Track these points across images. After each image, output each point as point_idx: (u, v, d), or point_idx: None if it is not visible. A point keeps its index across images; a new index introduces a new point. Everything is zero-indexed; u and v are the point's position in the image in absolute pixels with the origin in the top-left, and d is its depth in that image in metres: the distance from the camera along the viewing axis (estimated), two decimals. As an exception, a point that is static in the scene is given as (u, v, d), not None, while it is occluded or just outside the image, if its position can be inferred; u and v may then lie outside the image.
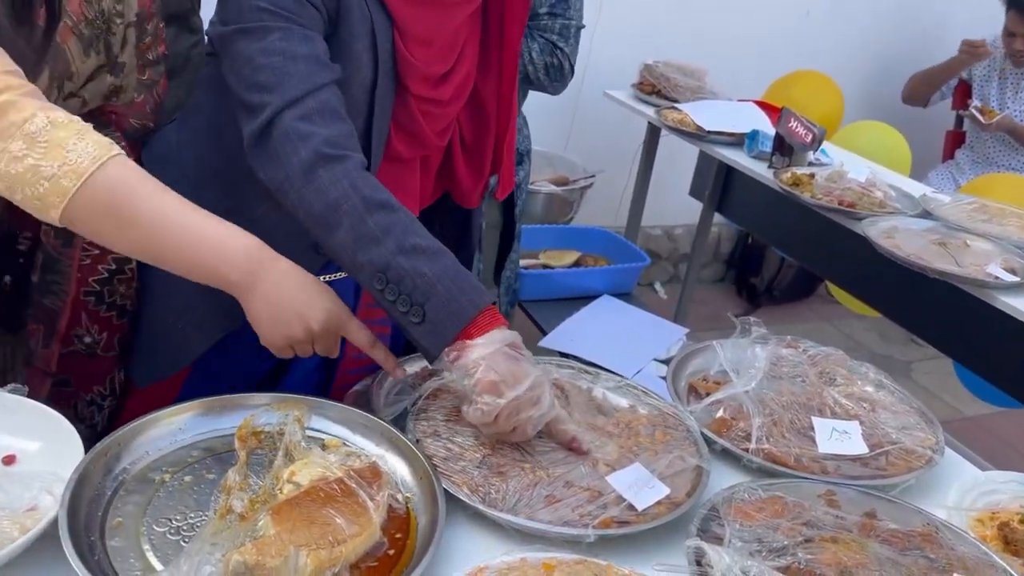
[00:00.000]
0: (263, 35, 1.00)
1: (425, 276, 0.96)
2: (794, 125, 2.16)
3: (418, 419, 1.06)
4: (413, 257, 0.97)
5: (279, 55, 1.00)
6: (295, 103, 0.99)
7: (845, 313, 3.51)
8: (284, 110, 0.99)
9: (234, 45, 1.02)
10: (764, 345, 1.27)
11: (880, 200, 2.00)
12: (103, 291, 1.18)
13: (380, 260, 0.97)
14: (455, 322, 0.97)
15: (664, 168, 3.08)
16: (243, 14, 1.01)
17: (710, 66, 2.85)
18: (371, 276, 0.98)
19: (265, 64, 1.00)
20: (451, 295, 0.96)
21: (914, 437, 1.12)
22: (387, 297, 0.98)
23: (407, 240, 0.97)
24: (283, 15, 1.01)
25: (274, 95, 0.99)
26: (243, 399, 1.03)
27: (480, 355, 0.96)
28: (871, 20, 3.69)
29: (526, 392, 0.96)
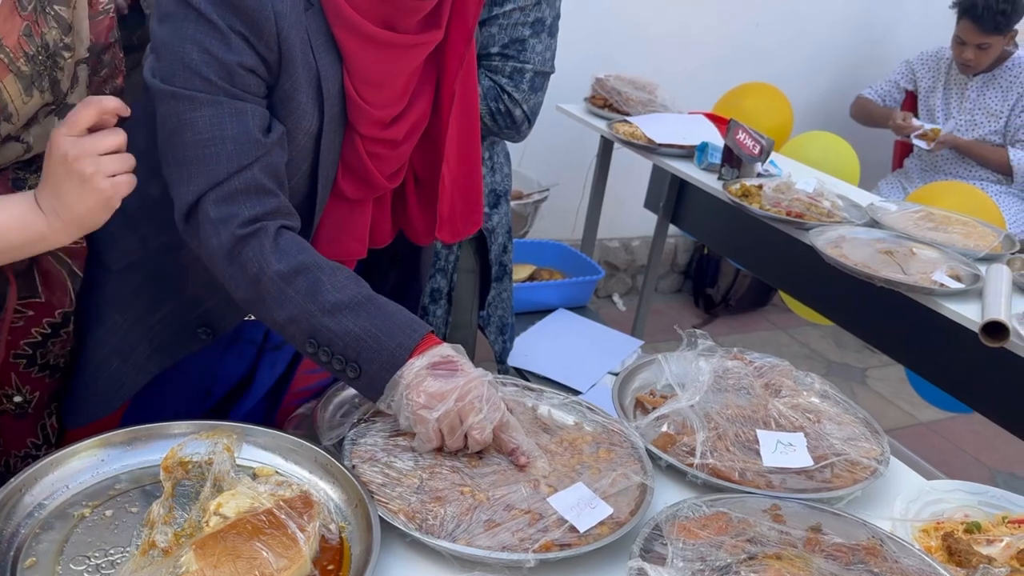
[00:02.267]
0: (192, 107, 0.98)
1: (351, 333, 0.98)
2: (742, 137, 2.16)
3: (356, 444, 1.03)
4: (337, 316, 0.98)
5: (206, 132, 0.99)
6: (217, 186, 0.99)
7: (801, 322, 3.54)
8: (207, 193, 0.99)
9: (163, 105, 1.00)
10: (710, 358, 1.26)
11: (828, 210, 2.01)
12: (35, 354, 1.12)
13: (306, 326, 0.98)
14: (388, 370, 0.98)
15: (620, 181, 3.08)
16: (176, 73, 0.98)
17: (661, 79, 2.87)
18: (303, 342, 1.00)
19: (191, 141, 0.99)
20: (379, 345, 0.98)
21: (859, 448, 1.12)
22: (321, 358, 1.00)
23: (327, 299, 0.98)
24: (216, 83, 0.98)
25: (198, 176, 1.00)
26: (169, 427, 0.99)
27: (404, 385, 0.97)
28: (821, 31, 3.74)
29: (455, 404, 0.97)
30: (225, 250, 0.99)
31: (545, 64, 1.77)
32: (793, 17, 3.65)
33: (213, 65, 0.98)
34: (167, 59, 0.99)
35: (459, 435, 0.98)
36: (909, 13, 3.86)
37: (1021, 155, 3.21)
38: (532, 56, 1.75)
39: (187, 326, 1.16)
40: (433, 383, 0.97)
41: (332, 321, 0.98)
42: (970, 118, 3.31)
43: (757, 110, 3.01)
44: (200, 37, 0.97)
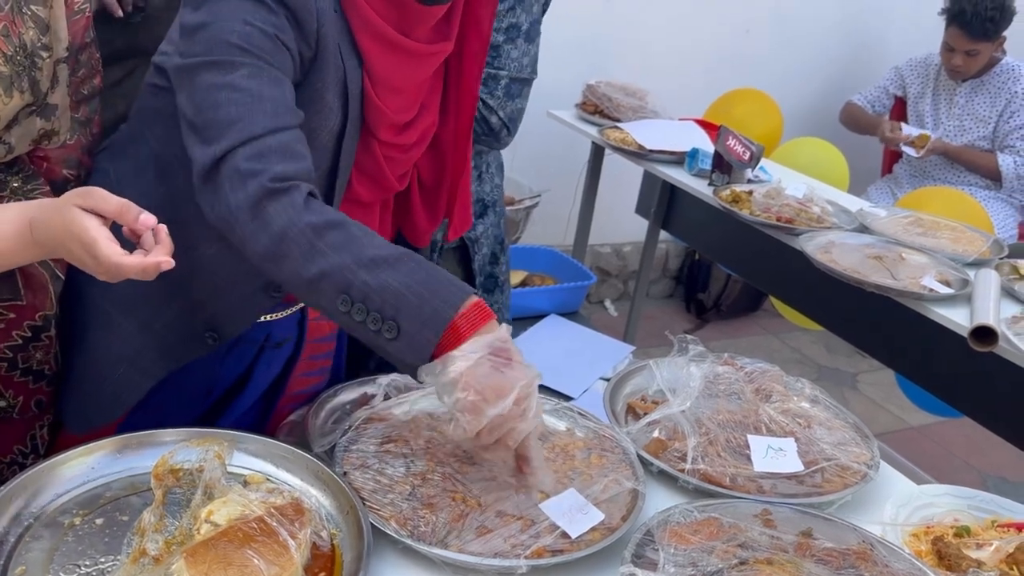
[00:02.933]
0: (231, 69, 0.95)
1: (390, 287, 0.90)
2: (732, 143, 2.17)
3: (347, 450, 1.03)
4: (374, 270, 0.91)
5: (245, 91, 0.95)
6: (252, 140, 0.95)
7: (791, 327, 3.55)
8: (239, 147, 0.94)
9: (198, 77, 0.97)
10: (700, 363, 1.27)
11: (817, 215, 2.02)
12: (16, 357, 1.11)
13: (339, 280, 0.91)
14: (432, 328, 0.90)
15: (611, 187, 3.09)
16: (213, 48, 0.96)
17: (651, 86, 2.88)
18: (333, 298, 0.92)
19: (229, 99, 0.95)
20: (422, 301, 0.90)
21: (849, 453, 1.12)
22: (355, 318, 0.91)
23: (365, 253, 0.92)
24: (256, 54, 0.96)
25: (232, 130, 0.94)
26: (159, 435, 0.99)
27: (460, 369, 0.89)
28: (810, 38, 3.77)
29: (511, 408, 0.90)
30: (251, 202, 0.93)
31: (522, 70, 1.74)
32: (783, 24, 3.67)
33: (256, 36, 0.96)
34: (204, 38, 0.96)
35: (495, 435, 0.91)
36: (898, 20, 3.89)
37: (1009, 160, 3.23)
38: (507, 62, 1.72)
39: (194, 330, 1.16)
40: (492, 375, 0.89)
41: (369, 275, 0.90)
42: (959, 124, 3.33)
43: (747, 116, 3.02)
44: (243, 12, 0.96)
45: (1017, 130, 3.22)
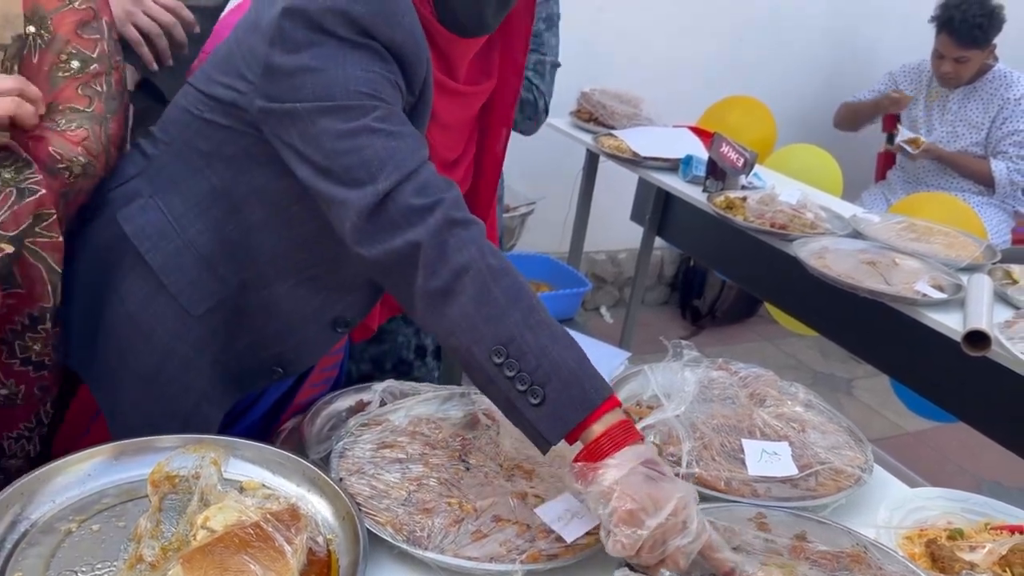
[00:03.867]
0: (361, 114, 0.95)
1: (549, 355, 0.89)
2: (726, 150, 2.19)
3: (343, 456, 1.04)
4: (539, 332, 0.90)
5: (383, 132, 0.95)
6: (411, 175, 0.94)
7: (786, 333, 3.56)
8: (401, 184, 0.94)
9: (318, 123, 0.95)
10: (695, 368, 1.27)
11: (811, 221, 2.03)
12: (14, 344, 1.12)
13: (504, 330, 0.90)
14: (578, 409, 0.89)
15: (606, 194, 3.10)
16: (334, 94, 0.95)
17: (646, 93, 2.89)
18: (489, 347, 0.90)
19: (370, 141, 0.94)
20: (575, 379, 0.89)
21: (843, 456, 1.13)
22: (505, 373, 0.90)
23: (533, 313, 0.92)
24: (381, 98, 0.96)
25: (387, 169, 0.94)
26: (156, 442, 0.99)
27: (615, 478, 0.86)
28: (803, 45, 3.79)
29: (669, 519, 0.85)
30: (432, 232, 0.92)
31: (557, 56, 1.85)
32: (776, 31, 3.69)
33: (378, 81, 0.96)
34: (316, 82, 0.95)
35: (658, 553, 0.85)
36: (889, 27, 3.91)
37: (1002, 166, 3.25)
38: (548, 49, 1.82)
39: (262, 364, 1.16)
40: (649, 484, 0.86)
41: (533, 336, 0.89)
42: (952, 130, 3.35)
43: (741, 123, 3.04)
44: (358, 59, 0.96)
45: (1010, 136, 3.24)
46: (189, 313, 1.10)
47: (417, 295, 0.94)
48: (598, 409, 0.89)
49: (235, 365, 1.15)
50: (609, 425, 0.89)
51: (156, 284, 1.09)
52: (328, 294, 1.13)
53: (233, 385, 1.16)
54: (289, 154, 0.99)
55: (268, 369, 1.16)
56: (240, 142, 1.05)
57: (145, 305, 1.10)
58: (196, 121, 1.08)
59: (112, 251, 1.11)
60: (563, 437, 0.90)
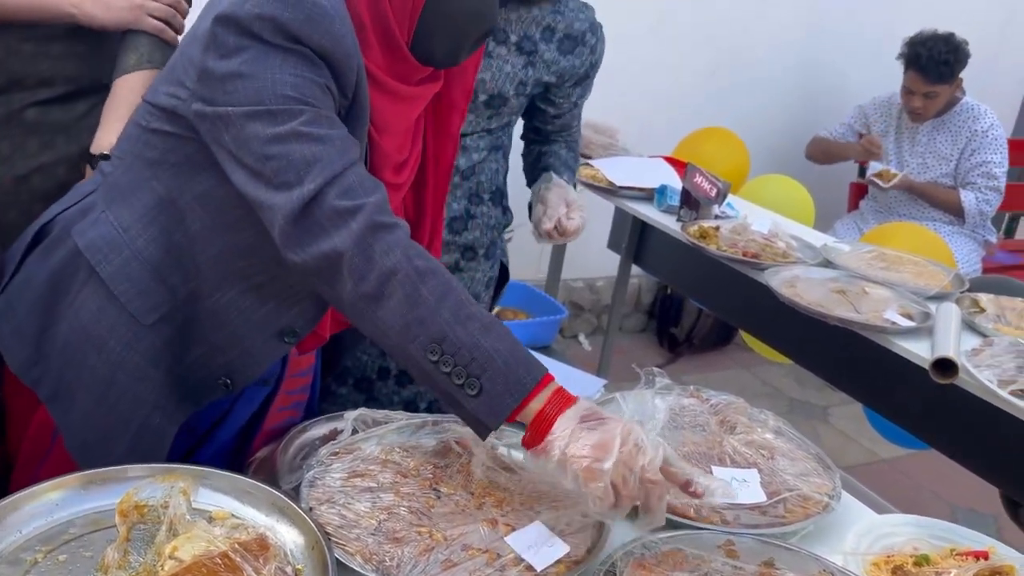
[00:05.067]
0: (290, 117, 0.96)
1: (481, 347, 0.94)
2: (699, 180, 2.22)
3: (313, 485, 1.04)
4: (469, 327, 0.95)
5: (310, 135, 0.97)
6: (335, 179, 0.97)
7: (762, 360, 3.59)
8: (326, 187, 0.96)
9: (250, 125, 0.97)
10: (667, 396, 1.29)
11: (783, 250, 2.06)
12: None
13: (435, 330, 0.94)
14: (513, 395, 0.94)
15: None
16: (264, 99, 0.97)
17: (622, 124, 2.93)
18: (424, 345, 0.94)
19: (298, 144, 0.97)
20: (508, 367, 0.94)
21: (811, 483, 1.14)
22: (441, 369, 0.94)
23: (462, 309, 0.95)
24: (310, 103, 0.98)
25: (312, 171, 0.96)
26: (124, 471, 0.98)
27: (562, 447, 0.92)
28: (775, 79, 3.86)
29: (622, 451, 0.91)
30: (356, 237, 0.95)
31: None
32: (749, 66, 3.76)
33: (307, 86, 0.98)
34: (247, 87, 0.97)
35: (634, 483, 0.91)
36: (860, 62, 4.00)
37: (971, 196, 3.31)
38: None
39: (211, 374, 1.16)
40: (591, 435, 0.92)
41: (463, 331, 0.94)
42: (921, 161, 3.42)
43: (715, 154, 3.08)
44: (288, 65, 0.97)
45: (978, 167, 3.31)
46: (140, 323, 1.11)
47: (347, 300, 0.97)
48: (532, 392, 0.94)
49: (185, 376, 1.15)
50: (544, 400, 0.94)
51: (107, 295, 1.10)
52: (275, 304, 1.14)
53: (184, 398, 1.16)
54: (224, 157, 1.01)
55: (216, 381, 1.16)
56: (184, 149, 1.07)
57: (98, 317, 1.11)
58: (144, 133, 1.11)
59: (67, 266, 1.12)
60: (503, 422, 0.94)
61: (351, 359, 1.72)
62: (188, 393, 1.16)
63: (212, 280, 1.10)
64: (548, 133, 1.90)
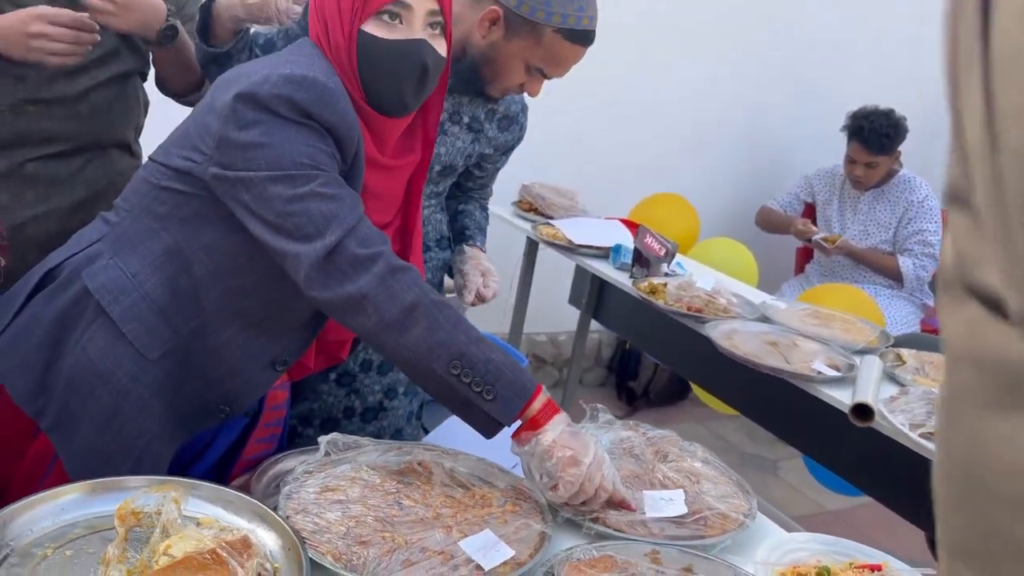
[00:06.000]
0: (307, 181, 1.15)
1: (493, 361, 1.17)
2: (649, 240, 2.41)
3: (290, 498, 1.17)
4: (481, 346, 1.17)
5: (325, 195, 1.16)
6: (351, 231, 1.16)
7: (716, 415, 3.75)
8: (344, 238, 1.15)
9: (272, 188, 1.15)
10: (609, 429, 1.44)
11: (724, 306, 2.24)
12: None
13: (455, 348, 1.16)
14: (521, 397, 1.19)
15: (547, 278, 3.30)
16: (284, 164, 1.15)
17: (582, 188, 3.14)
18: (447, 362, 1.16)
19: (316, 202, 1.15)
20: (515, 377, 1.18)
21: (730, 504, 1.29)
22: (463, 380, 1.16)
23: (471, 332, 1.18)
24: (322, 168, 1.17)
25: (333, 225, 1.15)
26: (123, 482, 1.11)
27: (552, 437, 1.18)
28: (725, 150, 4.11)
29: (594, 457, 1.18)
30: (378, 279, 1.15)
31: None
32: (700, 137, 4.01)
33: (319, 155, 1.17)
34: (267, 155, 1.15)
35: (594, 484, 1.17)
36: (805, 134, 4.27)
37: (909, 263, 3.55)
38: None
39: (210, 405, 1.30)
40: (574, 438, 1.19)
41: (477, 349, 1.16)
42: (863, 228, 3.66)
43: (666, 218, 3.29)
44: (301, 136, 1.16)
45: (914, 235, 3.55)
46: (146, 358, 1.24)
47: (371, 331, 1.16)
48: (533, 395, 1.20)
49: (186, 406, 1.28)
50: (542, 404, 1.21)
51: (116, 333, 1.23)
52: (269, 337, 1.30)
53: (183, 425, 1.30)
54: (243, 213, 1.18)
55: (216, 408, 1.30)
56: (192, 204, 1.22)
57: (106, 352, 1.23)
58: (155, 189, 1.26)
59: (76, 306, 1.25)
60: (514, 419, 1.19)
61: (316, 402, 1.85)
62: (185, 421, 1.29)
63: (214, 319, 1.25)
64: (468, 190, 2.11)
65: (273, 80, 1.15)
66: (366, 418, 1.89)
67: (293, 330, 1.31)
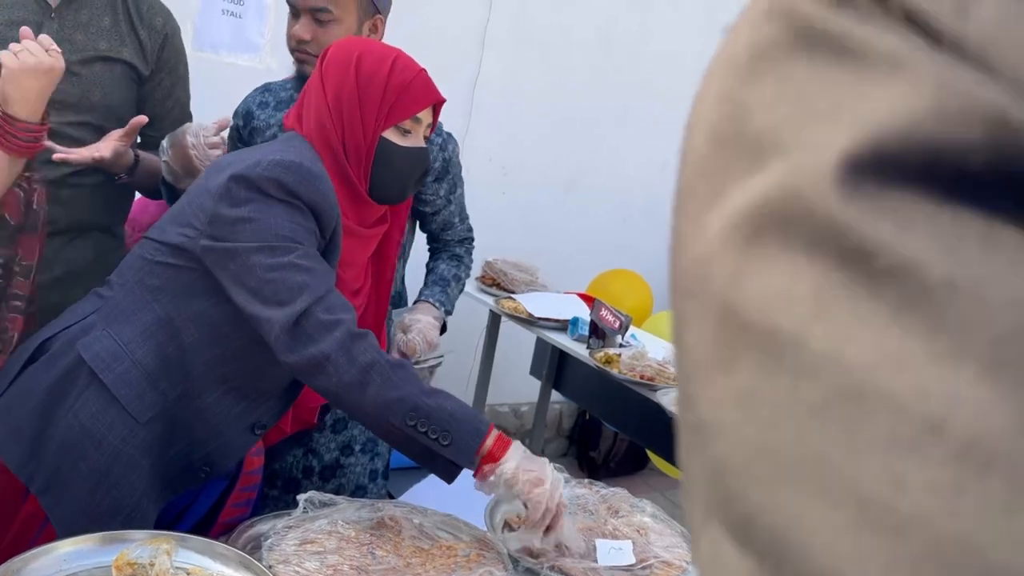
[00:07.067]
0: (287, 252, 1.29)
1: (446, 409, 1.29)
2: (604, 313, 2.57)
3: (272, 550, 1.27)
4: (434, 397, 1.29)
5: (301, 266, 1.29)
6: (320, 300, 1.28)
7: (675, 483, 3.86)
8: (312, 306, 1.27)
9: (252, 258, 1.28)
10: (565, 486, 1.56)
11: (674, 375, 2.39)
12: None
13: (411, 402, 1.27)
14: (475, 439, 1.30)
15: (509, 350, 3.44)
16: (267, 237, 1.29)
17: (543, 264, 3.31)
18: (404, 415, 1.27)
19: (293, 272, 1.29)
20: (467, 420, 1.30)
21: (675, 553, 1.42)
22: (419, 429, 1.27)
23: (423, 386, 1.30)
24: (301, 242, 1.31)
25: (305, 294, 1.27)
26: (121, 535, 1.21)
27: (514, 465, 1.30)
28: (680, 227, 4.33)
29: (552, 476, 1.32)
30: (338, 343, 1.26)
31: None
32: (655, 215, 4.22)
33: (300, 231, 1.31)
34: (254, 229, 1.29)
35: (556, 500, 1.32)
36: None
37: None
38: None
39: (192, 464, 1.40)
40: (532, 462, 1.33)
41: (430, 400, 1.28)
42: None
43: (622, 292, 3.47)
44: (286, 213, 1.31)
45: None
46: (136, 421, 1.34)
47: (332, 390, 1.29)
48: (486, 435, 1.31)
49: (171, 466, 1.39)
50: (495, 439, 1.33)
51: (108, 398, 1.33)
52: (249, 401, 1.42)
53: (168, 485, 1.40)
54: (228, 281, 1.31)
55: (197, 469, 1.41)
56: (184, 277, 1.35)
57: (98, 416, 1.33)
58: (149, 264, 1.39)
59: (69, 375, 1.35)
60: (472, 458, 1.30)
61: (277, 463, 1.94)
62: (170, 480, 1.39)
63: (199, 384, 1.37)
64: (437, 237, 2.19)
65: (264, 164, 1.31)
66: (324, 476, 1.98)
67: (272, 396, 1.44)
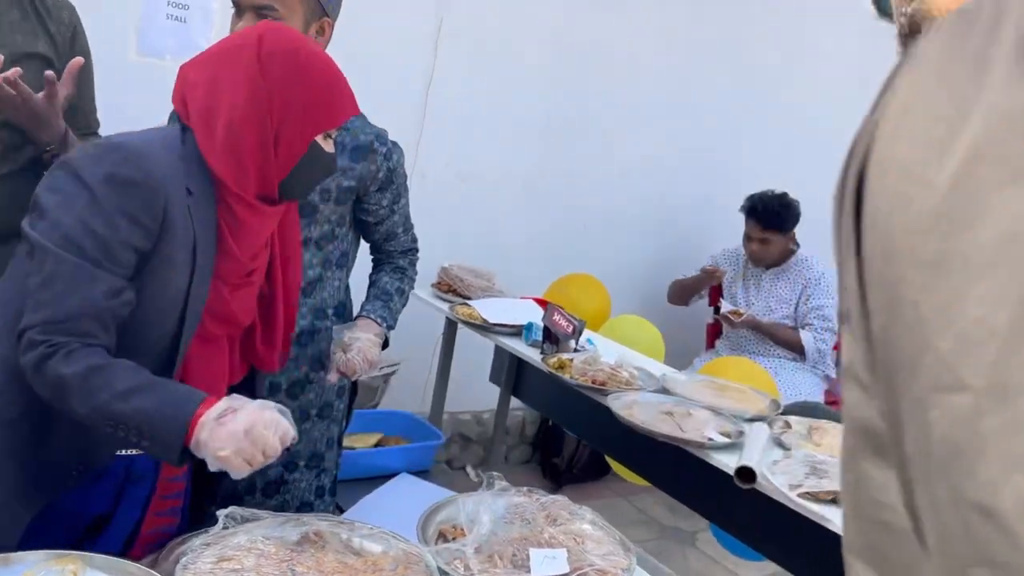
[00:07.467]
0: (59, 262, 1.23)
1: (141, 411, 1.22)
2: (557, 318, 2.54)
3: (187, 569, 1.22)
4: (129, 399, 1.22)
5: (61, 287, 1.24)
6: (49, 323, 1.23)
7: (638, 489, 3.84)
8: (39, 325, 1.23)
9: (40, 253, 1.24)
10: (503, 495, 1.53)
11: (626, 379, 2.37)
12: None
13: (105, 411, 1.23)
14: (178, 434, 1.23)
15: (469, 357, 3.39)
16: (54, 237, 1.24)
17: (500, 269, 3.27)
18: (103, 424, 1.23)
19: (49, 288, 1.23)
20: (166, 417, 1.23)
21: (611, 561, 1.39)
22: (119, 434, 1.24)
23: (118, 388, 1.22)
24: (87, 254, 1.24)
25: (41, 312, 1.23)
26: (22, 556, 1.15)
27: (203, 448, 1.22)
28: (635, 232, 4.30)
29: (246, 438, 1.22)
30: (32, 364, 1.23)
31: None
32: (613, 220, 4.21)
33: (90, 238, 1.24)
34: (49, 222, 1.25)
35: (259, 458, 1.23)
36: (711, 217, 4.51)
37: (809, 336, 3.76)
38: None
39: (63, 464, 1.34)
40: (222, 430, 1.22)
41: (125, 404, 1.22)
42: (766, 304, 3.88)
43: (579, 296, 3.45)
44: (86, 215, 1.24)
45: (814, 311, 3.78)
46: (2, 419, 1.31)
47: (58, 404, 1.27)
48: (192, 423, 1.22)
49: (42, 471, 1.34)
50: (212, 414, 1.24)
51: None
52: None
53: (39, 486, 1.34)
54: None
55: (70, 470, 1.36)
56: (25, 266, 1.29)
57: None
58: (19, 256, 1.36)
59: None
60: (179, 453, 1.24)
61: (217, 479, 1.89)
62: (43, 485, 1.34)
63: None
64: (380, 248, 2.14)
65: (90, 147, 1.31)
66: (267, 493, 1.93)
67: None
